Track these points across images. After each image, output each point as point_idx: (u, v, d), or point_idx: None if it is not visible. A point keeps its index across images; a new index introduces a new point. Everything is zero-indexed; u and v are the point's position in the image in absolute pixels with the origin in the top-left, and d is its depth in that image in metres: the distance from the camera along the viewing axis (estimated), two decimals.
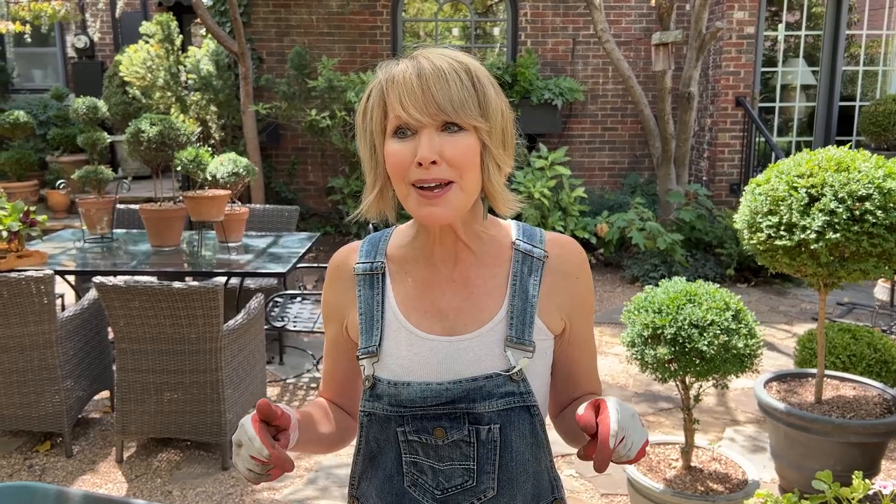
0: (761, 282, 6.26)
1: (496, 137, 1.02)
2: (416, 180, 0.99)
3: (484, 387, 1.04)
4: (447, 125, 0.99)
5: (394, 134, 1.01)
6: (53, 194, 7.90)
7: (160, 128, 3.92)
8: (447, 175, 0.99)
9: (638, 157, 8.02)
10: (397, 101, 0.99)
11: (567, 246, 1.14)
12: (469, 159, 1.00)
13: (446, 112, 0.97)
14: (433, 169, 0.98)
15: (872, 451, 2.76)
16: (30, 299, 3.11)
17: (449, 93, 0.98)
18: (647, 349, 2.44)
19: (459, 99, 0.98)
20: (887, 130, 6.90)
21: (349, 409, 1.23)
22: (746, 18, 7.14)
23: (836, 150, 2.68)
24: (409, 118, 0.98)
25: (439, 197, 0.99)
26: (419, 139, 0.98)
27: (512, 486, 1.08)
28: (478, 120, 0.99)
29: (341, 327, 1.16)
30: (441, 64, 0.99)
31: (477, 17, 8.36)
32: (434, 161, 0.98)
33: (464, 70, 1.00)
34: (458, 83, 0.99)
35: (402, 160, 1.00)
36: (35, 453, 3.33)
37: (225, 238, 4.26)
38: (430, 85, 0.98)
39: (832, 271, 2.59)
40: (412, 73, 0.99)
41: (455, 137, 0.99)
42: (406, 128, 0.99)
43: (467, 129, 1.00)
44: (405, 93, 0.98)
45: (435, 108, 0.97)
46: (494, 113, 1.02)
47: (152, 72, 7.07)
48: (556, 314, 1.11)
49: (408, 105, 0.98)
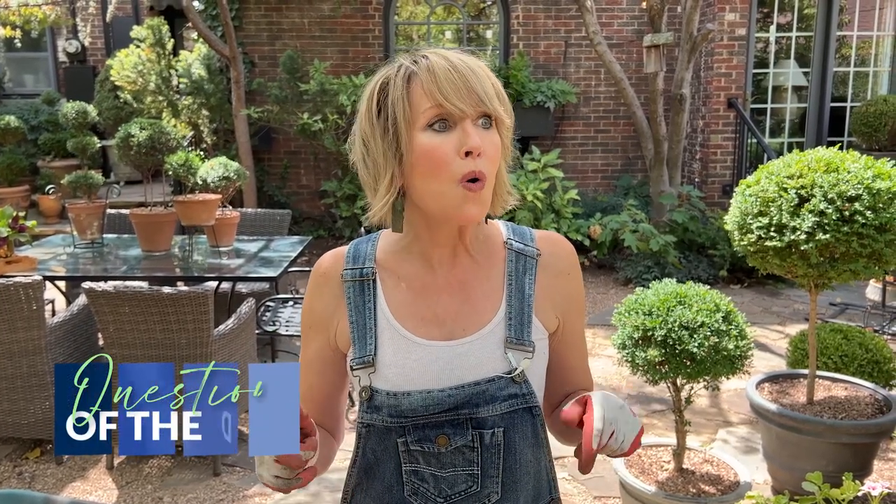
0: (754, 283, 6.27)
1: (510, 135, 1.04)
2: (467, 173, 0.97)
3: (487, 390, 1.03)
4: (482, 119, 0.99)
5: (428, 126, 0.98)
6: (45, 199, 7.86)
7: (150, 132, 3.90)
8: (487, 169, 0.98)
9: (630, 159, 8.03)
10: (437, 90, 0.96)
11: (558, 243, 1.13)
12: (498, 155, 1.01)
13: (484, 103, 0.97)
14: (479, 160, 0.97)
15: (864, 452, 2.76)
16: (18, 305, 3.08)
17: (484, 86, 0.98)
18: (638, 351, 2.43)
19: (491, 93, 0.98)
20: (878, 131, 6.93)
21: (330, 429, 1.18)
22: (737, 20, 7.16)
23: (826, 151, 2.69)
24: (453, 107, 0.96)
25: (480, 192, 0.98)
26: (462, 130, 0.97)
27: (515, 488, 1.06)
28: (503, 115, 1.00)
29: (328, 337, 1.11)
30: (467, 60, 0.99)
31: (469, 19, 8.36)
32: (480, 152, 0.97)
33: (483, 68, 1.01)
34: (487, 77, 0.99)
35: (445, 152, 0.97)
36: (25, 460, 3.31)
37: (216, 242, 4.24)
38: (467, 76, 0.97)
39: (822, 272, 2.59)
40: (446, 65, 0.98)
41: (490, 133, 0.99)
42: (445, 119, 0.97)
43: (495, 124, 1.00)
44: (445, 81, 0.96)
45: (476, 99, 0.96)
46: (510, 110, 1.03)
47: (143, 76, 7.05)
48: (551, 312, 1.10)
49: (450, 94, 0.96)
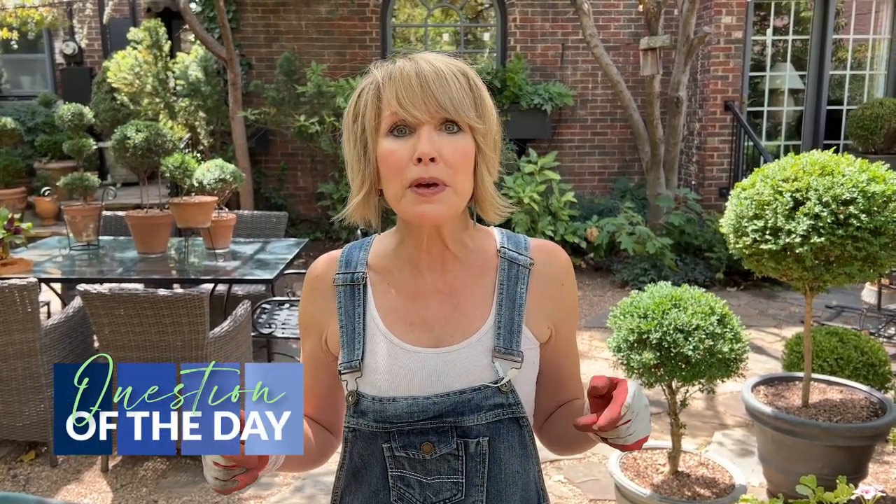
0: (750, 285, 6.27)
1: (490, 141, 1.02)
2: (415, 178, 0.97)
3: (472, 399, 1.02)
4: (446, 124, 0.98)
5: (389, 132, 0.99)
6: (41, 201, 7.85)
7: (146, 134, 3.90)
8: (444, 176, 0.97)
9: (627, 162, 8.04)
10: (394, 98, 0.97)
11: (552, 252, 1.12)
12: (465, 161, 0.99)
13: (446, 109, 0.97)
14: (432, 167, 0.97)
15: (859, 455, 2.76)
16: (13, 308, 3.08)
17: (448, 91, 0.97)
18: (633, 354, 2.43)
19: (459, 98, 0.97)
20: (874, 134, 6.95)
21: (328, 425, 1.19)
22: (734, 23, 7.18)
23: (821, 155, 2.69)
24: (407, 115, 0.97)
25: (434, 195, 0.97)
26: (418, 137, 0.97)
27: (501, 498, 1.06)
28: (475, 121, 0.99)
29: (320, 340, 1.12)
30: (439, 64, 0.99)
31: (467, 22, 8.37)
32: (433, 158, 0.96)
33: (461, 72, 1.00)
34: (457, 83, 0.98)
35: (399, 158, 0.98)
36: (20, 463, 3.30)
37: (212, 245, 4.24)
38: (429, 83, 0.97)
39: (817, 275, 2.60)
40: (411, 71, 0.98)
41: (453, 138, 0.98)
42: (403, 125, 0.98)
43: (464, 129, 0.99)
44: (403, 89, 0.97)
45: (435, 105, 0.96)
46: (489, 116, 1.01)
47: (140, 78, 7.05)
48: (543, 322, 1.09)
49: (406, 102, 0.97)
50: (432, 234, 1.06)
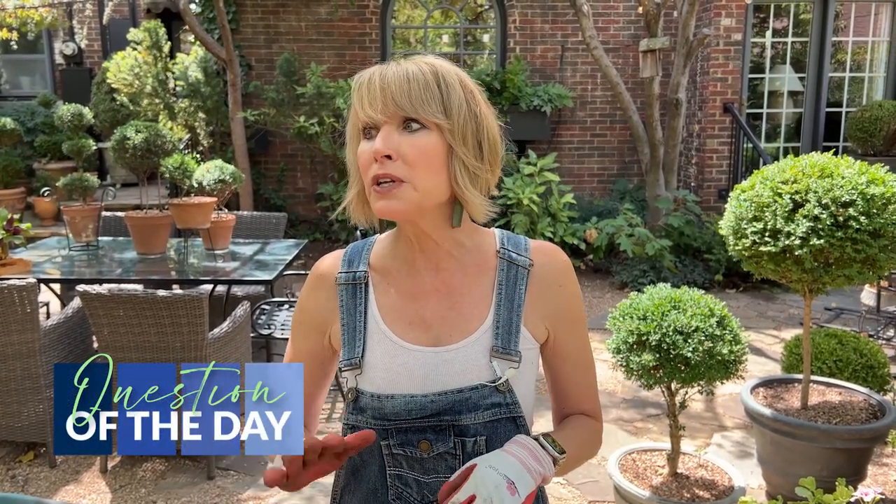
0: (750, 287, 6.27)
1: (462, 138, 1.01)
2: (374, 175, 1.00)
3: (470, 398, 1.03)
4: (407, 123, 0.99)
5: (362, 134, 1.03)
6: (40, 202, 7.85)
7: (145, 135, 3.90)
8: (400, 172, 0.99)
9: (627, 164, 8.05)
10: (359, 102, 1.01)
11: (551, 254, 1.13)
12: (425, 157, 0.99)
13: (403, 108, 0.98)
14: (388, 164, 0.99)
15: (858, 457, 2.76)
16: (12, 308, 3.08)
17: (408, 90, 0.98)
18: (633, 356, 2.43)
19: (419, 96, 0.99)
20: (873, 136, 6.95)
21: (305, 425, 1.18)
22: (733, 25, 7.18)
23: (820, 157, 2.69)
24: (367, 117, 1.00)
25: (390, 191, 0.99)
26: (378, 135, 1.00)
27: None
28: (437, 117, 0.99)
29: (323, 337, 1.13)
30: (408, 66, 1.01)
31: (467, 23, 8.37)
32: (389, 156, 0.99)
33: (430, 71, 1.01)
34: (421, 81, 0.99)
35: (366, 158, 1.01)
36: (18, 463, 3.30)
37: (211, 245, 4.24)
38: (388, 83, 0.99)
39: (817, 277, 2.60)
40: (377, 76, 1.01)
41: (414, 135, 0.99)
42: (371, 127, 1.01)
43: (429, 127, 1.00)
44: (366, 93, 1.00)
45: (393, 106, 0.98)
46: (458, 112, 1.00)
47: (140, 79, 7.04)
48: (540, 323, 1.09)
49: (366, 104, 1.00)
50: (417, 233, 1.07)
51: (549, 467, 1.02)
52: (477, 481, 0.94)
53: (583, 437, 1.13)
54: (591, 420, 1.17)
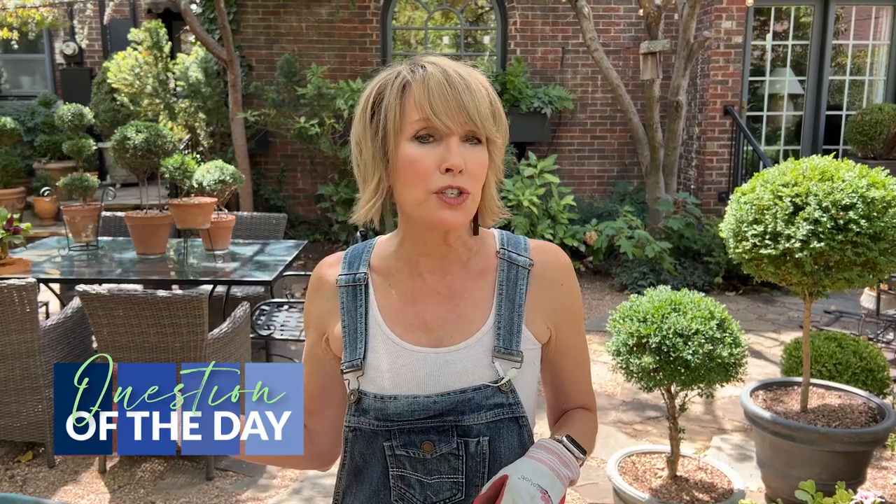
0: (749, 290, 6.27)
1: (500, 152, 1.05)
2: (444, 187, 0.99)
3: (472, 399, 1.03)
4: (469, 137, 1.00)
5: (413, 137, 1.00)
6: (40, 201, 7.85)
7: (146, 135, 3.90)
8: (468, 185, 0.99)
9: (627, 166, 8.05)
10: (427, 104, 0.98)
11: (551, 253, 1.13)
12: (483, 171, 1.02)
13: (474, 122, 0.98)
14: (459, 177, 0.99)
15: (858, 460, 2.76)
16: (11, 308, 3.07)
17: (476, 104, 0.99)
18: (633, 358, 2.43)
19: (486, 112, 0.99)
20: (873, 140, 6.95)
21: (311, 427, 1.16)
22: (734, 28, 7.19)
23: (821, 160, 2.69)
24: (440, 123, 0.98)
25: (461, 203, 0.99)
26: (446, 146, 0.98)
27: None
28: (495, 135, 1.01)
29: (321, 339, 1.14)
30: (465, 75, 1.00)
31: (467, 25, 8.37)
32: (461, 170, 0.99)
33: (482, 85, 1.02)
34: (483, 95, 1.00)
35: (426, 166, 0.99)
36: (17, 463, 3.30)
37: (211, 246, 4.24)
38: (460, 93, 0.98)
39: (817, 280, 2.60)
40: (442, 79, 0.99)
41: (475, 150, 1.00)
42: (431, 133, 0.99)
43: (482, 142, 1.01)
44: (437, 97, 0.98)
45: (465, 117, 0.98)
46: (504, 130, 1.04)
47: (140, 79, 7.05)
48: (542, 323, 1.10)
49: (440, 110, 0.97)
50: (439, 238, 1.07)
51: (576, 470, 1.03)
52: (514, 494, 0.94)
53: (590, 432, 1.15)
54: (591, 413, 1.19)
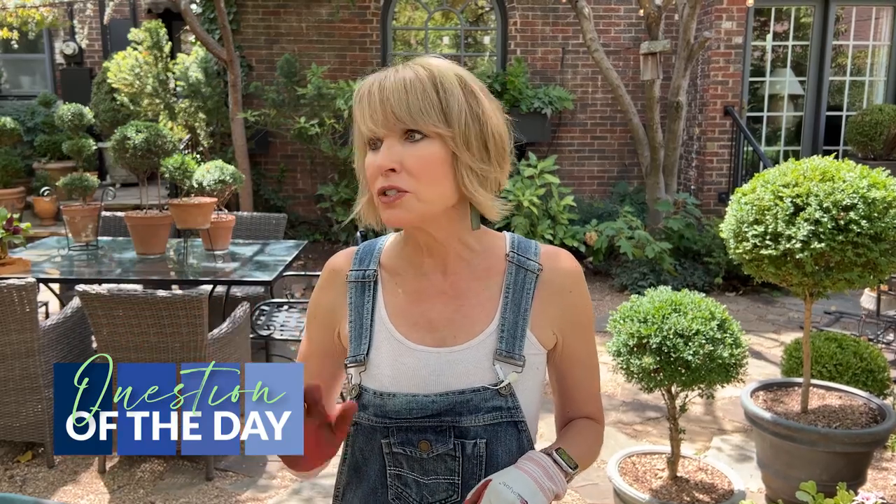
0: (749, 290, 6.27)
1: (465, 143, 1.01)
2: (382, 188, 1.01)
3: (471, 400, 1.03)
4: (409, 134, 0.99)
5: (367, 145, 1.03)
6: (40, 201, 7.84)
7: (146, 135, 3.89)
8: (404, 184, 0.99)
9: (627, 166, 8.05)
10: (360, 116, 1.02)
11: (562, 259, 1.12)
12: (428, 167, 1.00)
13: (403, 120, 0.98)
14: (392, 176, 1.00)
15: (858, 461, 2.76)
16: (11, 308, 3.07)
17: (406, 101, 0.98)
18: (633, 358, 2.43)
19: (417, 106, 0.98)
20: (874, 140, 6.95)
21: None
22: (734, 28, 7.18)
23: (821, 160, 2.69)
24: (369, 131, 1.01)
25: (395, 202, 1.00)
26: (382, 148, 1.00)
27: None
28: (438, 126, 0.99)
29: (333, 333, 1.15)
30: (405, 73, 1.00)
31: (468, 25, 8.37)
32: (393, 169, 0.99)
33: (428, 77, 1.00)
34: (419, 90, 0.99)
35: (372, 171, 1.02)
36: (16, 464, 3.29)
37: (211, 246, 4.23)
38: (387, 96, 0.99)
39: (817, 281, 2.60)
40: (375, 87, 1.01)
41: (416, 146, 0.99)
42: (375, 139, 1.01)
43: (431, 136, 0.99)
44: (366, 107, 1.01)
45: (393, 119, 0.98)
46: (459, 118, 1.00)
47: (140, 79, 7.04)
48: (549, 328, 1.09)
49: (367, 118, 1.00)
50: (426, 239, 1.07)
51: (562, 485, 1.03)
52: (492, 497, 0.96)
53: (590, 444, 1.14)
54: (595, 424, 1.18)
